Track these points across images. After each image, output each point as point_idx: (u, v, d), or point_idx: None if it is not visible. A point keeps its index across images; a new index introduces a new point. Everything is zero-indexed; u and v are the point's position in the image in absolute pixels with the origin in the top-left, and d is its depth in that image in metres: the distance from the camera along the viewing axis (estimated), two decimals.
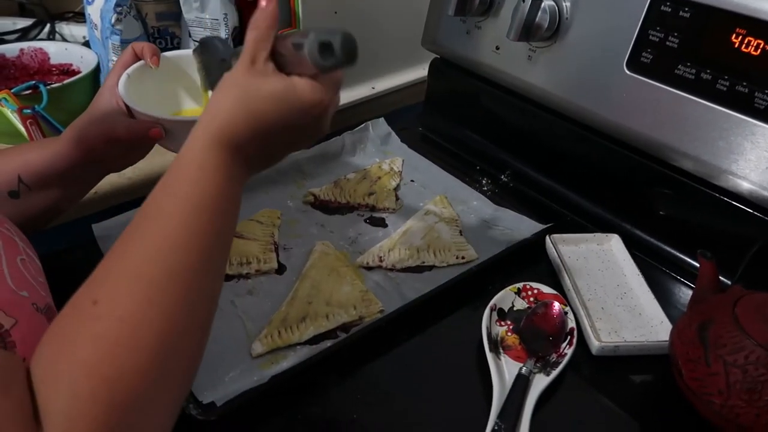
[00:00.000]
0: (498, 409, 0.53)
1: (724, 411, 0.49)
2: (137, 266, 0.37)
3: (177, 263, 0.38)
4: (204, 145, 0.42)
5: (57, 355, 0.34)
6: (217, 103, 0.43)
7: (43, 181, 0.57)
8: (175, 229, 0.39)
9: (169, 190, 0.41)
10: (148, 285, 0.36)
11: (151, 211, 0.40)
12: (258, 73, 0.44)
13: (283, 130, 0.45)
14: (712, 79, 0.62)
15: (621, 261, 0.71)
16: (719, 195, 0.66)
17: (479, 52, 0.85)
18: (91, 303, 0.35)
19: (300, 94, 0.44)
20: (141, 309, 0.35)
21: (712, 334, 0.51)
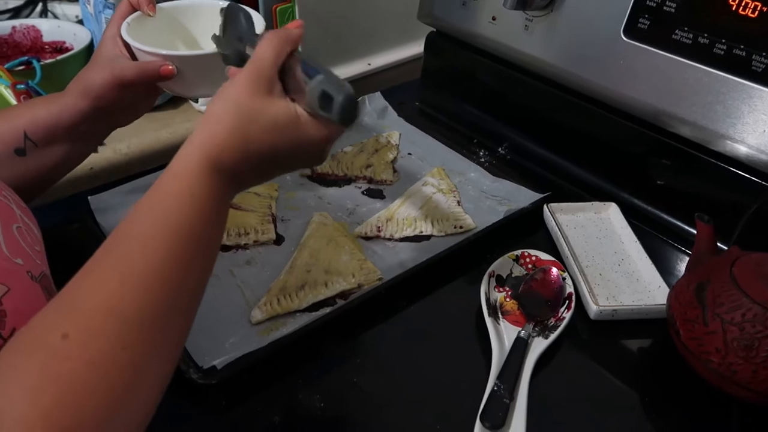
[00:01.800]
0: (497, 371, 0.53)
1: (721, 369, 0.49)
2: (113, 299, 0.34)
3: (156, 299, 0.35)
4: (197, 170, 0.40)
5: (14, 388, 0.30)
6: (216, 122, 0.41)
7: (50, 137, 0.55)
8: (157, 260, 0.36)
9: (156, 213, 0.38)
10: (123, 324, 0.33)
11: (133, 232, 0.38)
12: (263, 93, 0.42)
13: (280, 159, 0.44)
14: (710, 43, 0.62)
15: (619, 229, 0.71)
16: (716, 160, 0.66)
17: (475, 23, 0.84)
18: (59, 336, 0.32)
19: (303, 130, 0.43)
20: (113, 352, 0.32)
21: (709, 293, 0.51)
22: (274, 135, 0.42)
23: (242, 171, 0.42)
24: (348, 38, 1.04)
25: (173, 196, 0.39)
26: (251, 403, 0.52)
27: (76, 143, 0.58)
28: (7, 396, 0.29)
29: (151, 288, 0.35)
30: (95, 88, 0.55)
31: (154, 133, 0.90)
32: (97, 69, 0.56)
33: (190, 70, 0.57)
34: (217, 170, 0.40)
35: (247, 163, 0.42)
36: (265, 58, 0.43)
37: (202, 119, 0.42)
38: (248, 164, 0.42)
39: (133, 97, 0.58)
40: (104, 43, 0.58)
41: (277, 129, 0.42)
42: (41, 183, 0.59)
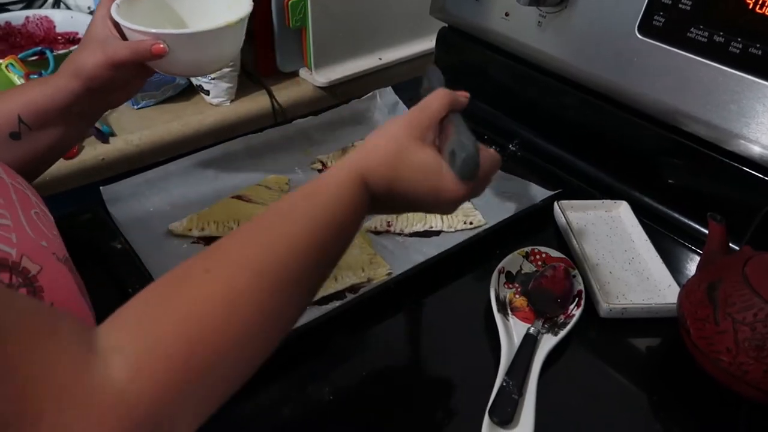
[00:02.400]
0: (506, 367, 0.53)
1: (732, 368, 0.49)
2: (255, 255, 0.38)
3: (290, 268, 0.39)
4: (350, 175, 0.44)
5: (154, 300, 0.34)
6: (375, 147, 0.46)
7: (44, 119, 0.56)
8: (299, 235, 0.40)
9: (309, 196, 0.43)
10: (259, 277, 0.37)
11: (284, 209, 0.42)
12: (418, 137, 0.47)
13: (416, 200, 0.47)
14: (725, 41, 0.62)
15: (629, 227, 0.70)
16: (729, 160, 0.66)
17: (488, 18, 0.84)
18: (203, 270, 0.36)
19: (443, 180, 0.46)
20: (245, 292, 0.36)
21: (721, 293, 0.51)
22: (418, 176, 0.46)
23: (380, 197, 0.46)
24: (359, 33, 1.04)
25: (325, 185, 0.43)
26: (260, 395, 0.52)
27: (69, 125, 0.58)
28: (145, 299, 0.34)
29: (291, 257, 0.39)
30: (88, 68, 0.55)
31: (166, 125, 0.91)
32: (89, 50, 0.56)
33: (181, 49, 0.57)
34: (364, 185, 0.45)
35: (387, 193, 0.46)
36: (429, 108, 0.48)
37: (361, 145, 0.47)
38: (388, 195, 0.46)
39: (124, 77, 0.58)
40: (94, 24, 0.58)
41: (422, 172, 0.46)
42: (36, 166, 0.59)
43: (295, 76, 1.05)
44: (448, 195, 0.47)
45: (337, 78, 1.02)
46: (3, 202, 0.41)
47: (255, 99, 0.99)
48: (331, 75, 1.02)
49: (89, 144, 0.86)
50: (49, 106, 0.55)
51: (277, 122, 0.99)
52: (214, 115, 0.94)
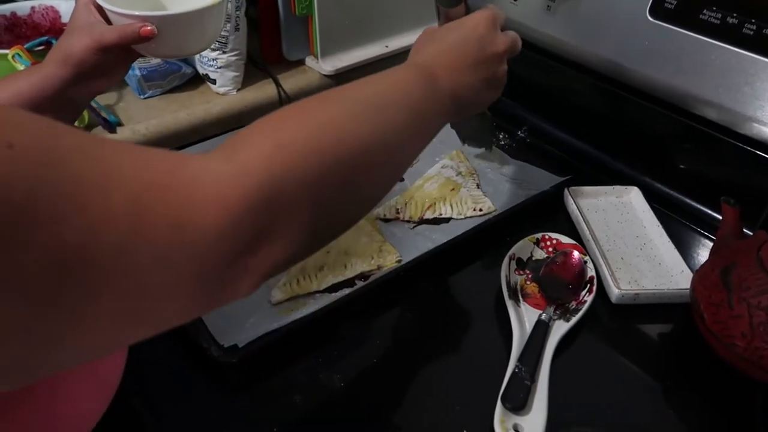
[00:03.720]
0: (518, 354, 0.53)
1: (747, 353, 0.49)
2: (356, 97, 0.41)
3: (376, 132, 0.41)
4: (404, 66, 0.48)
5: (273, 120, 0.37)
6: (411, 53, 0.52)
7: (34, 109, 0.54)
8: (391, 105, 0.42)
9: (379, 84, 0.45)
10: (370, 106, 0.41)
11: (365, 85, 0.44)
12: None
13: (461, 46, 0.50)
14: (738, 23, 0.61)
15: (640, 213, 0.70)
16: (742, 144, 0.65)
17: (496, 3, 0.83)
18: (317, 101, 0.40)
19: (466, 18, 0.52)
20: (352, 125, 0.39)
21: (735, 277, 0.51)
22: (449, 29, 0.52)
23: (437, 64, 0.48)
24: (366, 20, 1.03)
25: (389, 75, 0.46)
26: (271, 382, 0.52)
27: (59, 113, 0.57)
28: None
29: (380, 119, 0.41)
30: (76, 54, 0.55)
31: (173, 114, 0.90)
32: (76, 36, 0.56)
33: (167, 31, 0.57)
34: (419, 66, 0.48)
35: (436, 53, 0.49)
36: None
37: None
38: (438, 55, 0.49)
39: (111, 61, 0.58)
40: (78, 10, 0.58)
41: (450, 26, 0.52)
42: None
43: (301, 65, 1.05)
44: (478, 21, 0.51)
45: (343, 66, 1.01)
46: None
47: (261, 88, 0.98)
48: (338, 63, 1.01)
49: (96, 133, 0.85)
50: (38, 95, 0.55)
51: None
52: (221, 104, 0.94)
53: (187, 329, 0.53)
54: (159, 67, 0.92)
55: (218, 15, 0.62)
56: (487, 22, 0.52)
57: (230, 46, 0.91)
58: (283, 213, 0.33)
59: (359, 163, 0.39)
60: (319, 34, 0.98)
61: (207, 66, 0.93)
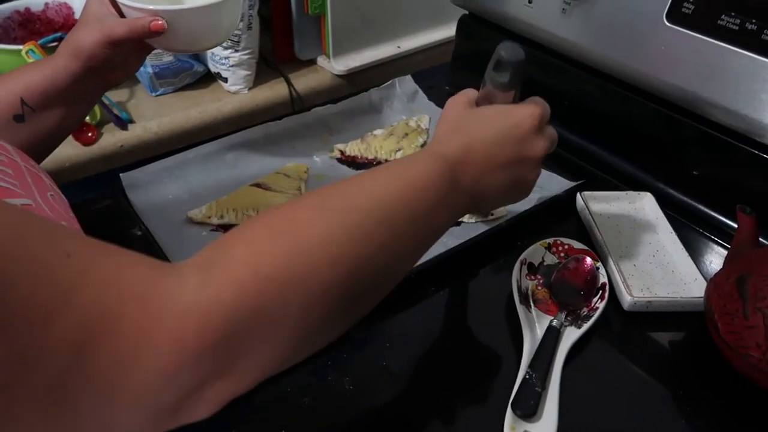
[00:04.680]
0: (529, 360, 0.52)
1: (761, 364, 0.48)
2: (355, 203, 0.38)
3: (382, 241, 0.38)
4: (432, 158, 0.44)
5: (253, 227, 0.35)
6: (444, 121, 0.48)
7: (46, 101, 0.55)
8: (392, 214, 0.39)
9: (391, 181, 0.42)
10: (367, 215, 0.38)
11: (368, 184, 0.41)
12: (474, 107, 0.49)
13: (497, 143, 0.46)
14: (758, 29, 0.60)
15: (654, 220, 0.69)
16: (758, 151, 0.64)
17: (510, 5, 0.83)
18: (309, 209, 0.37)
19: (510, 109, 0.48)
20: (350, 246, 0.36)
21: (751, 286, 0.50)
22: (486, 122, 0.47)
23: (464, 164, 0.45)
24: (378, 20, 1.03)
25: (405, 170, 0.43)
26: (280, 384, 0.52)
27: (71, 106, 0.58)
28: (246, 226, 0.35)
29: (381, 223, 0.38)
30: (86, 48, 0.54)
31: (184, 112, 0.91)
32: (87, 29, 0.55)
33: (179, 25, 0.57)
34: (445, 161, 0.44)
35: (464, 151, 0.45)
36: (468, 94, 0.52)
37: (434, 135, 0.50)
38: (466, 152, 0.45)
39: (124, 55, 0.58)
40: (91, 3, 0.57)
41: (489, 117, 0.47)
42: (41, 149, 0.58)
43: (313, 64, 1.05)
44: (522, 119, 0.47)
45: (355, 66, 1.01)
46: (20, 184, 0.41)
47: (273, 87, 0.98)
48: (350, 63, 1.01)
49: (108, 131, 0.86)
50: (50, 87, 0.55)
51: (295, 110, 0.98)
52: (232, 103, 0.94)
53: None
54: (171, 64, 0.93)
55: (232, 11, 0.62)
56: (533, 122, 0.47)
57: (242, 45, 0.91)
58: (248, 349, 0.31)
59: (352, 288, 0.36)
60: (332, 33, 0.98)
61: (219, 64, 0.93)
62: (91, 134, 0.84)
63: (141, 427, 0.29)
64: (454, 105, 0.50)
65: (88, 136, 0.83)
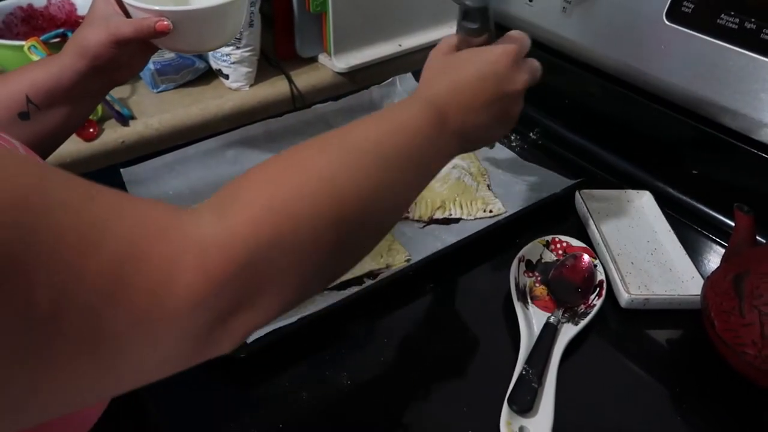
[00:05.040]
0: (526, 356, 0.52)
1: (757, 362, 0.48)
2: (355, 142, 0.40)
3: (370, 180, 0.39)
4: (415, 101, 0.46)
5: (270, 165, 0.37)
6: (422, 76, 0.50)
7: (51, 99, 0.56)
8: (384, 154, 0.41)
9: (376, 118, 0.44)
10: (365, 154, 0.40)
11: (357, 130, 0.43)
12: (455, 52, 0.51)
13: (478, 83, 0.48)
14: (757, 28, 0.60)
15: (652, 218, 0.69)
16: (757, 150, 0.65)
17: (511, 4, 0.83)
18: (316, 151, 0.39)
19: (486, 49, 0.50)
20: (351, 181, 0.38)
21: (748, 284, 0.50)
22: (466, 60, 0.49)
23: (450, 103, 0.47)
24: (380, 19, 1.03)
25: (393, 115, 0.45)
26: (279, 378, 0.52)
27: (76, 104, 0.58)
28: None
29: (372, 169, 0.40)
30: (92, 47, 0.55)
31: (185, 108, 0.91)
32: (93, 28, 0.55)
33: (184, 26, 0.57)
34: (430, 103, 0.46)
35: (450, 90, 0.47)
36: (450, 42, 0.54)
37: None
38: (452, 91, 0.47)
39: (129, 54, 0.58)
40: (97, 2, 0.58)
41: (467, 57, 0.50)
42: (46, 146, 0.59)
43: (314, 62, 1.05)
44: (500, 55, 0.49)
45: (356, 64, 1.01)
46: None
47: (274, 84, 0.99)
48: (351, 61, 1.01)
49: (109, 126, 0.86)
50: (55, 85, 0.55)
51: (296, 107, 0.98)
52: (233, 100, 0.94)
53: None
54: (173, 61, 0.93)
55: (237, 12, 0.62)
56: (509, 58, 0.49)
57: (244, 42, 0.92)
58: (267, 280, 0.33)
59: (355, 222, 0.38)
60: (333, 31, 0.98)
61: (220, 61, 0.93)
62: (92, 130, 0.84)
63: (172, 360, 0.31)
64: (436, 53, 0.52)
65: (89, 131, 0.84)
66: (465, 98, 0.47)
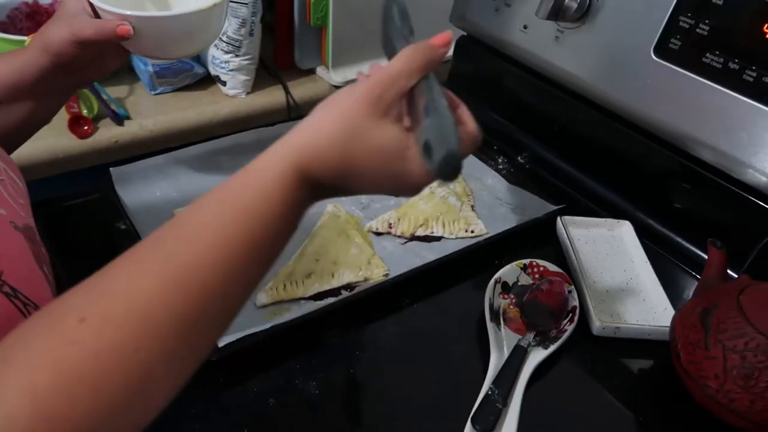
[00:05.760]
0: (493, 376, 0.53)
1: (719, 395, 0.49)
2: (144, 295, 0.31)
3: (190, 306, 0.32)
4: (286, 173, 0.37)
5: (11, 361, 0.28)
6: (318, 129, 0.38)
7: (15, 93, 0.54)
8: (206, 265, 0.33)
9: (223, 210, 0.35)
10: (145, 323, 0.31)
11: (192, 223, 0.35)
12: (378, 116, 0.39)
13: (375, 186, 0.41)
14: (740, 68, 0.62)
15: (630, 248, 0.70)
16: (735, 187, 0.66)
17: (507, 30, 0.84)
18: (77, 319, 0.30)
19: (408, 165, 0.39)
20: (125, 350, 0.30)
21: (714, 319, 0.51)
22: (377, 162, 0.39)
23: (330, 187, 0.39)
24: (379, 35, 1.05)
25: (246, 196, 0.36)
26: (248, 383, 0.53)
27: (40, 100, 0.56)
28: (3, 374, 0.28)
29: (190, 294, 0.32)
30: (54, 44, 0.53)
31: (182, 112, 0.92)
32: (57, 25, 0.54)
33: (147, 32, 0.56)
34: (303, 180, 0.37)
35: (340, 182, 0.39)
36: (394, 77, 0.39)
37: (304, 122, 0.39)
38: (341, 183, 0.39)
39: (97, 54, 0.57)
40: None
41: (383, 157, 0.39)
42: (10, 140, 0.57)
43: (312, 74, 1.06)
44: (412, 180, 0.40)
45: (353, 78, 1.03)
46: None
47: (271, 93, 1.00)
48: (348, 75, 1.03)
49: (104, 125, 0.87)
50: (18, 79, 0.54)
51: (292, 118, 1.00)
52: (229, 106, 0.96)
53: None
54: (172, 65, 0.94)
55: (205, 23, 0.60)
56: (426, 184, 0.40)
57: (243, 50, 0.93)
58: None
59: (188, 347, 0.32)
60: (332, 45, 1.00)
61: (218, 68, 0.95)
62: (87, 127, 0.85)
63: None
64: (350, 105, 0.39)
65: (83, 129, 0.85)
66: (353, 188, 0.40)
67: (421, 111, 0.39)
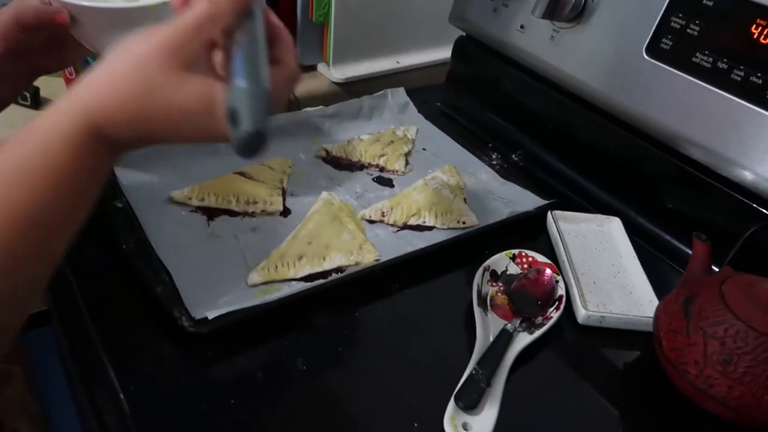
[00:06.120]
0: (478, 358, 0.54)
1: (698, 381, 0.50)
2: None
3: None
4: (74, 131, 0.35)
5: None
6: (112, 86, 0.35)
7: None
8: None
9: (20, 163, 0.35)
10: None
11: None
12: (179, 66, 0.35)
13: (175, 138, 0.39)
14: (728, 68, 0.63)
15: (619, 243, 0.71)
16: (721, 185, 0.67)
17: (504, 30, 0.86)
18: None
19: (213, 125, 0.36)
20: None
21: (696, 307, 0.52)
22: (178, 119, 0.36)
23: (128, 142, 0.38)
24: (380, 34, 1.07)
25: (31, 162, 0.35)
26: (237, 358, 0.54)
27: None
28: None
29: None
30: (1, 27, 0.52)
31: None
32: (8, 8, 0.53)
33: (90, 23, 0.54)
34: (96, 141, 0.36)
35: (139, 139, 0.38)
36: (196, 25, 0.36)
37: (95, 72, 0.36)
38: (141, 139, 0.38)
39: (54, 42, 0.55)
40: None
41: (183, 115, 0.36)
42: None
43: (313, 70, 1.08)
44: (215, 136, 0.37)
45: (353, 75, 1.04)
46: None
47: None
48: (348, 72, 1.05)
49: None
50: None
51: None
52: None
53: (161, 299, 0.55)
54: None
55: (147, 20, 0.52)
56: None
57: None
58: None
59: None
60: (333, 42, 1.01)
61: None
62: None
63: None
64: (147, 55, 0.35)
65: None
66: (151, 140, 0.39)
67: (236, 66, 0.35)
